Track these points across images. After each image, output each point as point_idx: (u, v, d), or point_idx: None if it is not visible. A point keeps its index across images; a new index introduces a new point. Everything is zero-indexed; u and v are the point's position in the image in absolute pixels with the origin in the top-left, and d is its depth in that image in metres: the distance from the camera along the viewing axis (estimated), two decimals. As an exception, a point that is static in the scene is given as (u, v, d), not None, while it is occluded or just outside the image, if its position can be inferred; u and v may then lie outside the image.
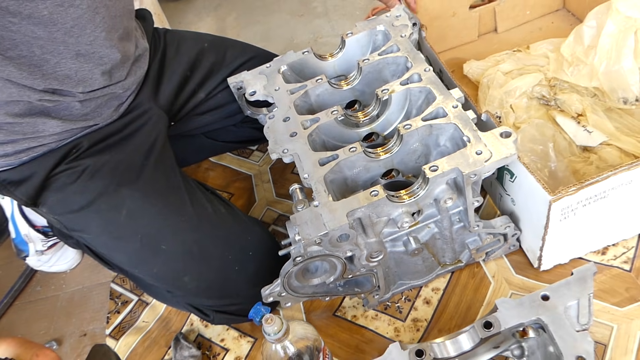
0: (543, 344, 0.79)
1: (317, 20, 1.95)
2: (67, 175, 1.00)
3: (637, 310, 0.94)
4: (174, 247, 1.00)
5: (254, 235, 1.07)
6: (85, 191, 0.99)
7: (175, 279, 1.02)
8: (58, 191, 1.00)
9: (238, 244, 1.04)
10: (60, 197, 1.00)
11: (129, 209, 0.99)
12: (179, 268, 1.01)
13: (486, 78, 1.32)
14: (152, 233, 1.00)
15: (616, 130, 1.16)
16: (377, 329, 1.03)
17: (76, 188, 0.99)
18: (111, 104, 1.05)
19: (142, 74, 1.11)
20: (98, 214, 1.00)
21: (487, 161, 0.82)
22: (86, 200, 0.99)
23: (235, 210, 1.12)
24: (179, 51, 1.21)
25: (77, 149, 1.02)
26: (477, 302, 1.02)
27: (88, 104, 1.01)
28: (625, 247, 1.02)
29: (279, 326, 0.76)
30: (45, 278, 1.38)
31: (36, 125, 0.96)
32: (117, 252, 1.04)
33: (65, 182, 0.99)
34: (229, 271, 1.02)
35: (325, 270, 0.91)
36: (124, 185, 1.00)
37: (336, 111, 0.98)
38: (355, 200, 0.83)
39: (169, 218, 1.01)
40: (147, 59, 1.13)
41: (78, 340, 1.22)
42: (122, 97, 1.07)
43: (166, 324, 1.17)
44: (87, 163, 1.00)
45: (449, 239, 0.97)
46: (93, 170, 1.00)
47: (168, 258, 1.01)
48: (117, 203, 0.99)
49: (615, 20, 1.16)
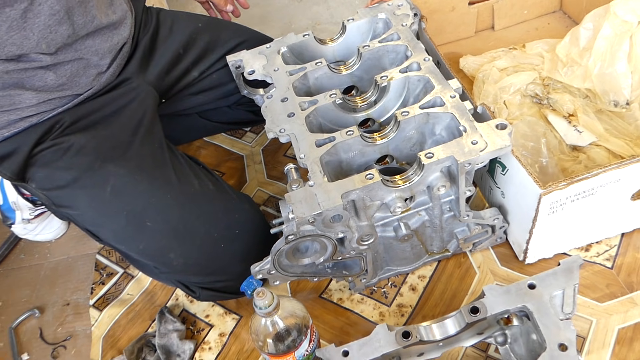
0: (526, 331, 0.81)
1: (316, 7, 1.95)
2: (53, 152, 0.99)
3: (616, 306, 0.96)
4: (159, 224, 1.00)
5: (242, 213, 1.07)
6: (71, 167, 0.99)
7: (161, 255, 1.02)
8: (44, 167, 0.99)
9: (224, 222, 1.03)
10: (47, 172, 1.00)
11: (113, 185, 0.99)
12: (165, 245, 1.01)
13: (482, 73, 1.34)
14: (137, 210, 0.99)
15: (605, 132, 1.18)
16: (362, 312, 1.05)
17: (62, 164, 0.99)
18: (88, 73, 1.04)
19: (120, 42, 1.08)
20: (83, 190, 0.99)
21: (483, 151, 0.83)
22: (72, 176, 0.98)
23: (224, 186, 1.11)
24: (172, 30, 1.21)
25: (60, 124, 1.01)
26: (462, 291, 1.04)
27: (61, 72, 0.99)
28: (608, 245, 1.04)
29: (270, 300, 0.77)
30: (30, 246, 1.37)
31: (12, 98, 0.96)
32: (103, 228, 1.03)
33: (51, 159, 0.99)
34: (215, 249, 1.02)
35: (315, 250, 0.92)
36: (109, 161, 1.00)
37: (335, 94, 0.99)
38: (351, 182, 0.84)
39: (154, 195, 1.00)
40: (128, 27, 1.11)
41: (61, 310, 1.21)
42: (99, 65, 1.05)
43: (151, 298, 1.18)
44: (72, 140, 1.00)
45: (438, 228, 0.99)
46: (79, 146, 1.00)
47: (153, 235, 1.00)
48: (102, 179, 0.99)
49: (612, 23, 1.18)
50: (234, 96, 1.26)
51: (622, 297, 0.97)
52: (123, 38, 1.09)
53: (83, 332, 1.16)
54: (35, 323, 1.20)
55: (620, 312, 0.95)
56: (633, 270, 1.00)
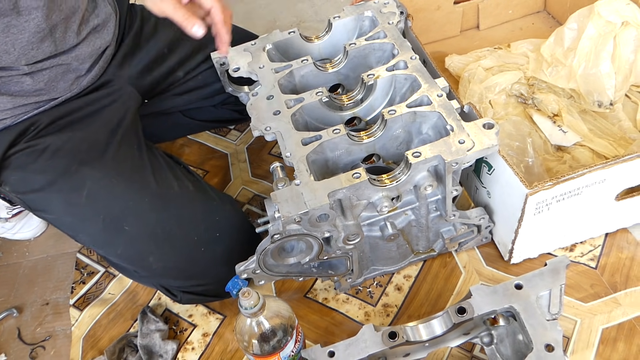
0: (512, 332, 0.81)
1: (301, 4, 1.94)
2: (27, 154, 0.96)
3: (601, 307, 0.97)
4: (137, 228, 0.97)
5: (223, 214, 1.04)
6: (46, 170, 0.96)
7: (140, 259, 0.99)
8: (18, 169, 0.96)
9: (204, 225, 1.01)
10: (21, 175, 0.97)
11: (89, 189, 0.96)
12: (143, 249, 0.98)
13: (467, 72, 1.34)
14: (114, 214, 0.97)
15: (590, 132, 1.19)
16: (347, 312, 1.04)
17: (37, 167, 0.96)
18: (67, 77, 1.01)
19: (102, 45, 1.06)
20: (59, 194, 0.97)
21: (470, 150, 0.83)
22: (47, 180, 0.96)
23: (205, 187, 1.08)
24: (157, 28, 1.18)
25: (35, 126, 0.98)
26: (448, 291, 1.03)
27: (39, 78, 0.97)
28: (592, 245, 1.05)
29: (256, 300, 0.76)
30: (7, 245, 1.34)
31: None
32: (80, 232, 1.01)
33: (25, 161, 0.96)
34: (195, 252, 1.00)
35: (301, 250, 0.91)
36: (85, 164, 0.97)
37: (321, 92, 0.98)
38: (337, 181, 0.83)
39: (132, 199, 0.98)
40: (111, 30, 1.08)
41: (40, 309, 1.19)
42: (79, 69, 1.03)
43: (133, 297, 1.16)
44: (47, 141, 0.97)
45: (424, 227, 0.98)
46: (54, 148, 0.97)
47: (132, 239, 0.98)
48: (78, 183, 0.96)
49: (596, 24, 1.19)
50: (220, 96, 1.24)
51: (605, 297, 0.98)
52: (106, 42, 1.07)
53: (63, 332, 1.14)
54: (13, 323, 1.18)
55: (604, 312, 0.96)
56: (617, 270, 1.01)
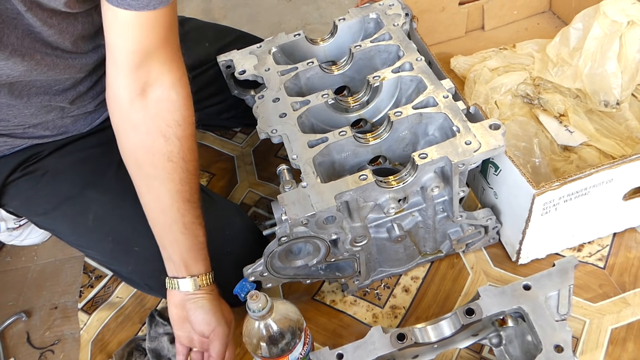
0: (521, 333, 0.81)
1: (305, 7, 1.94)
2: (26, 181, 0.96)
3: (609, 307, 0.96)
4: (146, 248, 0.94)
5: (232, 228, 1.02)
6: (49, 195, 0.95)
7: (152, 277, 0.98)
8: (19, 196, 0.96)
9: (215, 242, 0.97)
10: (22, 201, 0.96)
11: (95, 213, 0.96)
12: (155, 267, 0.95)
13: (473, 73, 1.34)
14: (123, 237, 0.96)
15: (596, 132, 1.18)
16: (355, 314, 1.04)
17: (38, 193, 0.95)
18: (78, 125, 1.00)
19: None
20: (64, 218, 0.96)
21: (476, 151, 0.83)
22: (51, 205, 0.96)
23: (211, 199, 1.05)
24: None
25: (36, 156, 0.98)
26: (455, 292, 1.03)
27: (44, 126, 0.97)
28: (600, 245, 1.04)
29: (264, 303, 0.76)
30: (16, 249, 1.34)
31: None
32: (89, 250, 1.01)
33: (25, 187, 0.96)
34: None
35: (308, 252, 0.91)
36: (89, 187, 0.96)
37: (327, 95, 0.98)
38: (344, 183, 0.83)
39: (140, 222, 0.92)
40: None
41: (48, 313, 1.19)
42: (96, 112, 1.01)
43: (141, 301, 1.16)
44: (46, 166, 0.96)
45: (431, 229, 0.98)
46: (54, 172, 0.96)
47: (142, 258, 0.97)
48: (83, 208, 0.96)
49: (601, 23, 1.18)
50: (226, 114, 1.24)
51: (614, 297, 0.97)
52: None
53: (71, 336, 1.14)
54: (22, 327, 1.18)
55: (613, 312, 0.95)
56: (625, 270, 1.00)
